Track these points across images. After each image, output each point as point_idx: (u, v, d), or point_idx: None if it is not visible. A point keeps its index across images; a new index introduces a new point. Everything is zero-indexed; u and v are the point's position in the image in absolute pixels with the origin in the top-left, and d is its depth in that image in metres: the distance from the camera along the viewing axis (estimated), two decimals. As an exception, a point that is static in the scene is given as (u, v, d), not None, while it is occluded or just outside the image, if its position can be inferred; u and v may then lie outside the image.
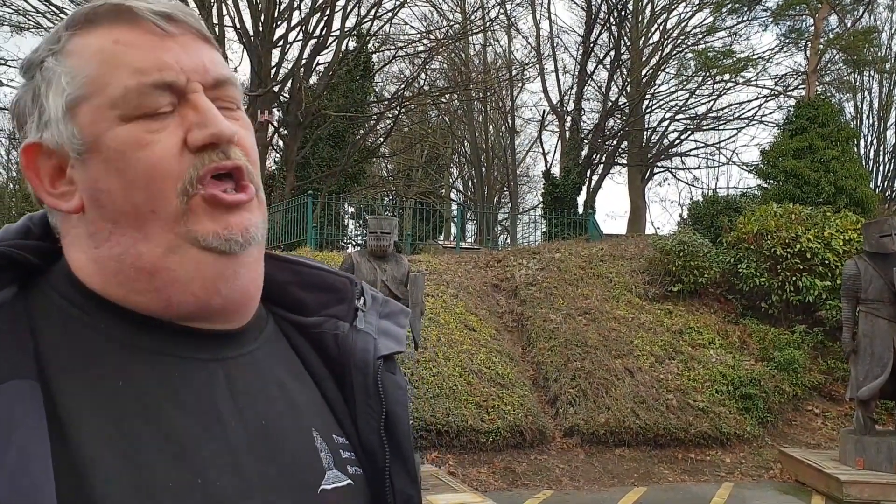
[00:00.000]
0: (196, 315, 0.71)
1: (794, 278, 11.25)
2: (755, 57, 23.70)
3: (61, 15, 14.83)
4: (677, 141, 26.47)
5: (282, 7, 18.18)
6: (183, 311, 0.70)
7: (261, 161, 0.77)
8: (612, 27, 24.05)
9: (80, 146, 0.68)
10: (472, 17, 23.68)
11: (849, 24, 22.23)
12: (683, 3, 24.11)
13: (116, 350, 0.67)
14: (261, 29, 17.68)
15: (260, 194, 0.74)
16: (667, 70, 25.30)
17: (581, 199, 22.93)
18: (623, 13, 23.86)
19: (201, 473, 0.64)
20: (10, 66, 15.16)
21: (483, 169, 29.67)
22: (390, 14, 19.15)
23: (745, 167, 24.91)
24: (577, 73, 24.77)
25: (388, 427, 0.80)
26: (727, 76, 23.62)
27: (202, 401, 0.68)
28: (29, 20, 15.11)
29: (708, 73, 23.66)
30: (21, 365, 0.62)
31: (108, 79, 0.67)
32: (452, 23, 23.67)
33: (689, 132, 26.16)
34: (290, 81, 18.17)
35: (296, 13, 18.56)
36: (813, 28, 21.20)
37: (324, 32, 17.95)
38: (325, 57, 18.70)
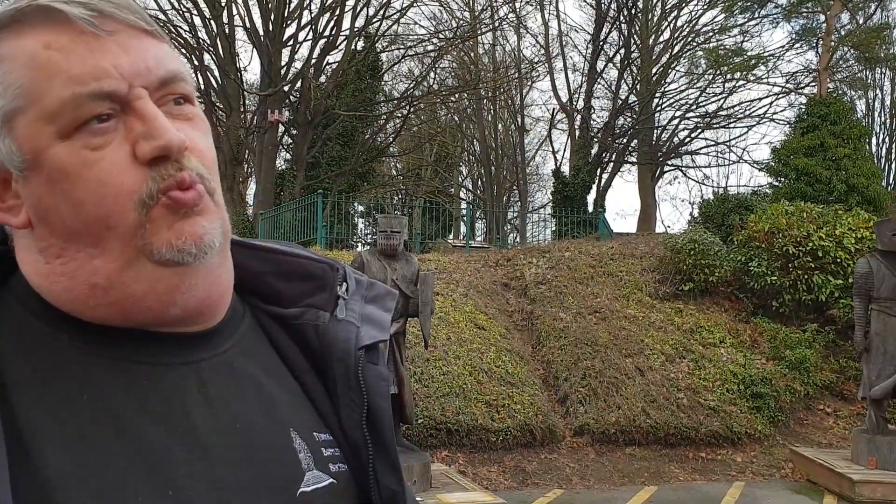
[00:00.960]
0: (154, 323, 0.68)
1: (805, 277, 11.19)
2: (766, 55, 23.62)
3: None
4: (688, 139, 26.36)
5: (292, 7, 18.25)
6: (140, 321, 0.67)
7: (271, 160, 0.73)
8: (622, 25, 23.97)
9: (20, 163, 0.64)
10: (481, 16, 23.69)
11: (861, 21, 22.10)
12: (694, 1, 24.04)
13: (80, 360, 0.64)
14: (271, 28, 17.74)
15: (217, 198, 0.69)
16: (677, 68, 25.24)
17: (591, 197, 22.89)
18: (633, 11, 23.79)
19: (173, 484, 0.62)
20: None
21: (492, 167, 29.64)
22: (399, 14, 19.19)
23: (756, 165, 24.77)
24: (586, 72, 24.70)
25: (370, 420, 0.77)
26: (738, 74, 23.51)
27: (172, 407, 0.66)
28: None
29: (718, 71, 23.56)
30: None
31: (41, 89, 0.62)
32: (461, 22, 23.67)
33: (699, 130, 26.05)
34: (300, 81, 18.22)
35: (305, 13, 18.63)
36: (825, 25, 21.09)
37: (333, 32, 18.01)
38: (335, 56, 18.77)
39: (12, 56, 0.63)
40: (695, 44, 24.51)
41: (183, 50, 16.88)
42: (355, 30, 18.14)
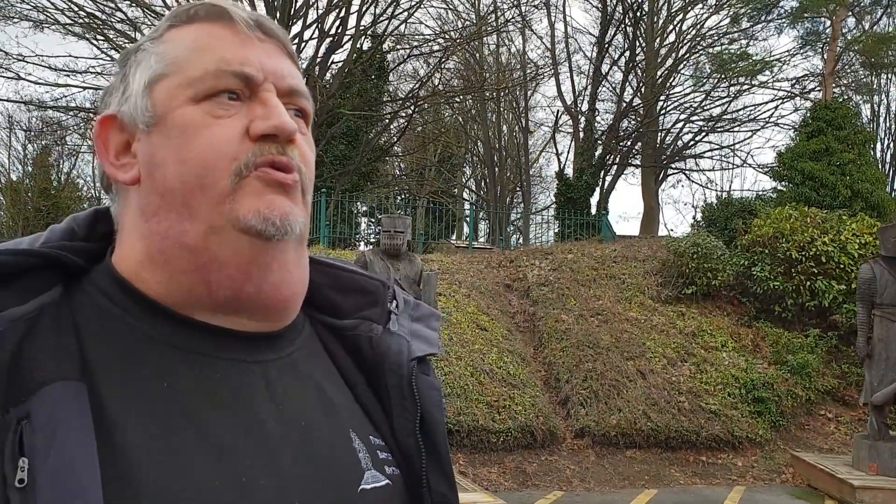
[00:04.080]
0: (233, 302, 0.71)
1: (808, 282, 11.18)
2: (772, 59, 23.58)
3: (80, 12, 14.93)
4: (692, 142, 26.32)
5: (297, 5, 18.26)
6: (221, 294, 0.70)
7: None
8: (627, 28, 23.95)
9: (148, 119, 0.71)
10: (487, 18, 23.68)
11: (867, 27, 22.07)
12: (699, 5, 24.01)
13: (158, 350, 0.68)
14: (276, 27, 17.75)
15: (307, 198, 0.75)
16: (682, 71, 25.19)
17: (594, 199, 22.89)
18: (638, 14, 23.76)
19: (242, 474, 0.65)
20: (28, 63, 15.25)
21: (496, 169, 29.63)
22: (406, 14, 19.18)
23: (760, 169, 24.75)
24: (591, 74, 24.71)
25: (423, 428, 0.80)
26: (743, 78, 23.48)
27: (241, 402, 0.69)
28: (48, 17, 15.24)
29: (723, 75, 23.53)
30: (67, 366, 0.62)
31: (192, 61, 0.72)
32: (467, 23, 23.66)
33: (703, 134, 26.02)
34: (305, 80, 18.18)
35: (311, 11, 18.64)
36: (830, 30, 21.06)
37: (339, 31, 18.01)
38: (340, 55, 18.76)
39: (175, 39, 0.74)
40: (700, 47, 24.48)
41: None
42: (361, 29, 18.14)
